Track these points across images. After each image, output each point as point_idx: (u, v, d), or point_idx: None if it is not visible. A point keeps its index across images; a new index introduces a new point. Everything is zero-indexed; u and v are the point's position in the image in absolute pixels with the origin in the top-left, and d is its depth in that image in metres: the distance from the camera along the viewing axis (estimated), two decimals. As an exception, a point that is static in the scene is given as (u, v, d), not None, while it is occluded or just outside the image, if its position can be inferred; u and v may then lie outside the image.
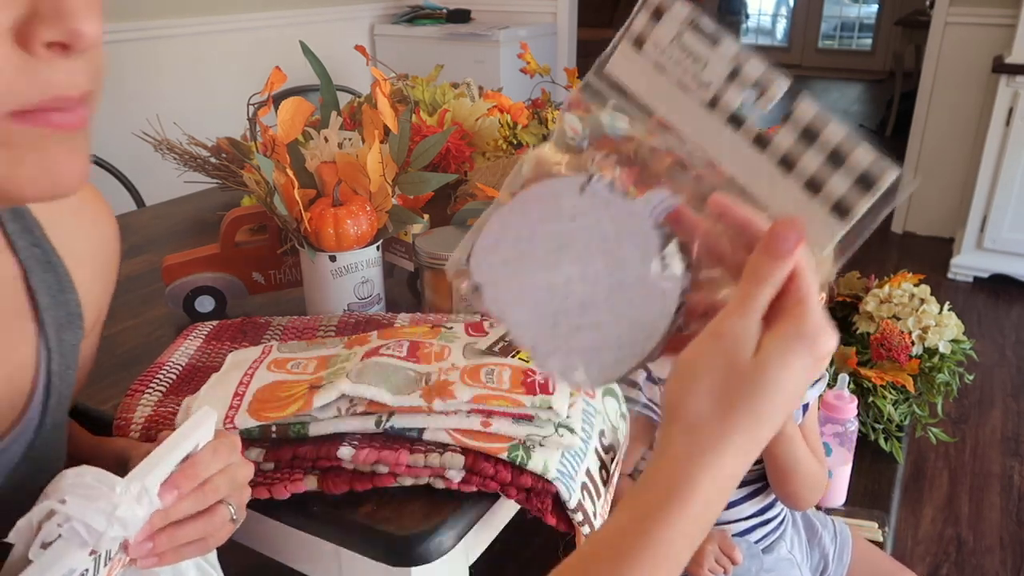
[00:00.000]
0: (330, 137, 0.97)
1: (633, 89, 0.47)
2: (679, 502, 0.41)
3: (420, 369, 0.71)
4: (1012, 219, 2.95)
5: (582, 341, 0.48)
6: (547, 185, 0.50)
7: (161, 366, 0.84)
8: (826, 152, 0.42)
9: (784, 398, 0.41)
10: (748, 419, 0.41)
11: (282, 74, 0.92)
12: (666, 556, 0.40)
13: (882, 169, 0.41)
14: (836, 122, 0.42)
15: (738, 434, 0.41)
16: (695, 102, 0.46)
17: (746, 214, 0.44)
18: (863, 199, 0.42)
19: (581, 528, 0.68)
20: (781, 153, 0.44)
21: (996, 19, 3.10)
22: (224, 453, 0.56)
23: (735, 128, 0.45)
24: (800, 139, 0.43)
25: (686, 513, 0.40)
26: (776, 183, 0.44)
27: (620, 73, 0.48)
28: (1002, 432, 2.19)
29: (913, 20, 5.32)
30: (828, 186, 0.43)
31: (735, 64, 0.44)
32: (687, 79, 0.45)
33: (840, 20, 8.11)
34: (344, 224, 0.91)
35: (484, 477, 0.65)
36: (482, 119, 1.53)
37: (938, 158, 3.41)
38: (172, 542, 0.53)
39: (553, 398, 0.67)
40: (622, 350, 0.47)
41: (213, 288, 1.03)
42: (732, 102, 0.45)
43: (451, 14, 3.60)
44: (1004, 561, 1.73)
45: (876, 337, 1.47)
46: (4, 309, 0.54)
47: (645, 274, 0.47)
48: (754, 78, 0.44)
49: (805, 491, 0.98)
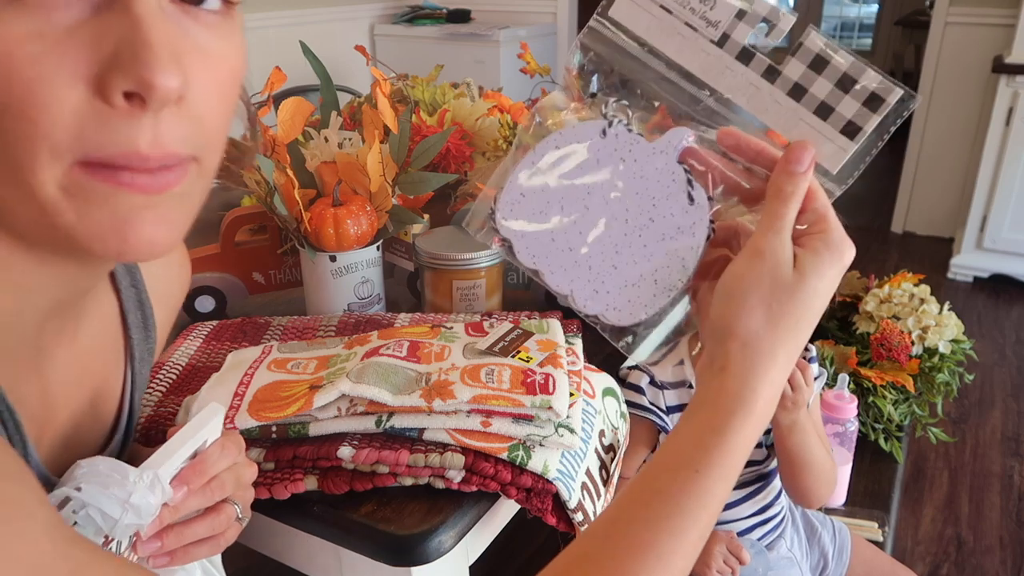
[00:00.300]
0: (330, 137, 0.97)
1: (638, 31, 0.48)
2: (744, 412, 0.44)
3: (420, 369, 0.71)
4: (1012, 219, 2.95)
5: (619, 280, 0.50)
6: (568, 132, 0.51)
7: (161, 366, 0.84)
8: (835, 78, 0.46)
9: (820, 304, 0.46)
10: (794, 329, 0.45)
11: (282, 74, 0.92)
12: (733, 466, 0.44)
13: (888, 89, 0.44)
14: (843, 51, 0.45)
15: (787, 343, 0.45)
16: (703, 41, 0.47)
17: (758, 143, 0.47)
18: (872, 118, 0.45)
19: (581, 528, 0.68)
20: (792, 82, 0.46)
21: (996, 19, 3.10)
22: (232, 451, 0.56)
23: (745, 62, 0.47)
24: (810, 68, 0.46)
25: (751, 422, 0.45)
26: (788, 111, 0.47)
27: (623, 16, 0.49)
28: (1002, 432, 2.19)
29: (913, 20, 5.33)
30: (839, 108, 0.46)
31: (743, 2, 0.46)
32: (695, 19, 0.47)
33: (840, 20, 8.12)
34: (344, 224, 0.91)
35: (484, 477, 0.65)
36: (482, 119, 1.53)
37: (938, 158, 3.41)
38: (180, 540, 0.53)
39: (553, 398, 0.67)
40: (659, 284, 0.50)
41: (213, 288, 1.03)
42: (741, 38, 0.47)
43: (451, 14, 3.60)
44: (1004, 561, 1.73)
45: (876, 337, 1.47)
46: (105, 344, 0.57)
47: (674, 207, 0.49)
48: (762, 14, 0.46)
49: (819, 485, 0.98)
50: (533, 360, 0.73)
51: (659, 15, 0.48)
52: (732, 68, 0.47)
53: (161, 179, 0.39)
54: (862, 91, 0.45)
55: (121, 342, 0.60)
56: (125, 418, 0.60)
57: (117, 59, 0.35)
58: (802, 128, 0.47)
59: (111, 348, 0.59)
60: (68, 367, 0.53)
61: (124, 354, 0.60)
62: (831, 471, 0.99)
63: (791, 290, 0.45)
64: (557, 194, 0.50)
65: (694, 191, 0.49)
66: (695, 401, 0.47)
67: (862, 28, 8.04)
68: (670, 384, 0.99)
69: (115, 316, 0.59)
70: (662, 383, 0.98)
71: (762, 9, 0.46)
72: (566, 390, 0.69)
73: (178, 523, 0.53)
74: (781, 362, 0.45)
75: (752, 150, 0.48)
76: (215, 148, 0.43)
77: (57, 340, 0.51)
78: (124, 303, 0.59)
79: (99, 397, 0.57)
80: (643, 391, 0.97)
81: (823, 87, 0.46)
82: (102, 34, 0.35)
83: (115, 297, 0.59)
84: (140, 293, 0.61)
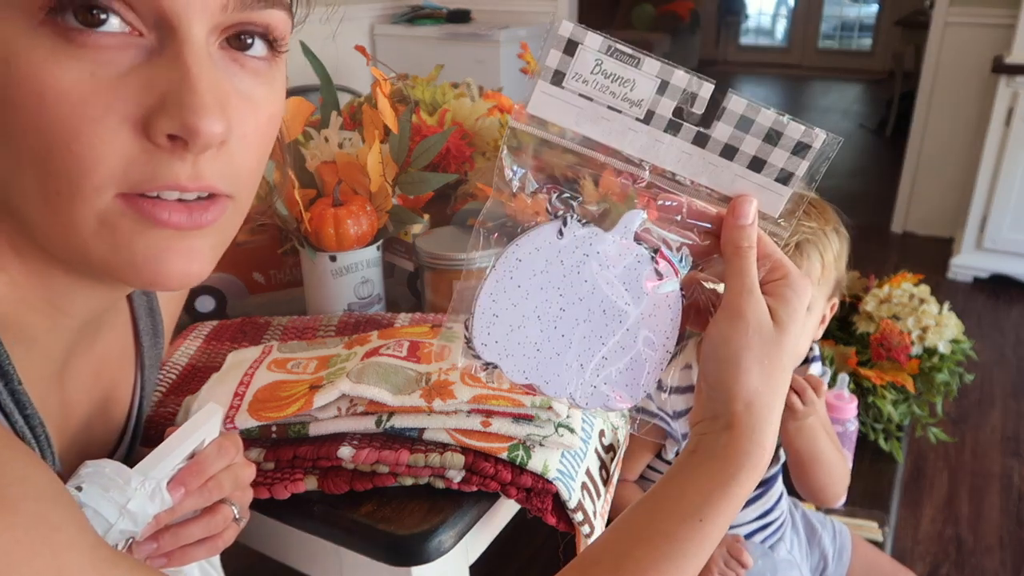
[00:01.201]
0: (330, 137, 0.97)
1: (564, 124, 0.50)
2: (751, 466, 0.48)
3: (420, 369, 0.71)
4: (1012, 219, 2.95)
5: (611, 370, 0.51)
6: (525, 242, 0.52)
7: (162, 366, 0.84)
8: (762, 134, 0.48)
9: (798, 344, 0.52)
10: (783, 374, 0.49)
11: (282, 74, 0.91)
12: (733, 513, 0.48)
13: (813, 136, 0.48)
14: (763, 108, 0.48)
15: (780, 390, 0.49)
16: (630, 120, 0.49)
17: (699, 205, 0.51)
18: (802, 163, 0.48)
19: (581, 528, 0.68)
20: (722, 144, 0.49)
21: (996, 19, 3.10)
22: (230, 450, 0.56)
23: (674, 133, 0.49)
24: (737, 128, 0.48)
25: (756, 474, 0.48)
26: (723, 170, 0.49)
27: (542, 112, 0.49)
28: (1002, 432, 2.19)
29: (913, 20, 5.33)
30: (770, 160, 0.49)
31: (661, 78, 0.48)
32: (616, 101, 0.49)
33: (840, 20, 8.12)
34: (344, 224, 0.91)
35: (484, 477, 0.65)
36: (482, 119, 1.53)
37: (938, 158, 3.41)
38: (177, 541, 0.53)
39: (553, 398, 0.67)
40: (651, 359, 0.52)
41: (213, 288, 1.03)
42: (666, 112, 0.49)
43: (451, 14, 3.60)
44: (1004, 561, 1.73)
45: (876, 337, 1.47)
46: (118, 351, 0.58)
47: (646, 287, 0.51)
48: (682, 87, 0.48)
49: (833, 482, 0.98)
50: (533, 360, 0.73)
51: (582, 104, 0.49)
52: (662, 140, 0.49)
53: (198, 217, 0.41)
54: (788, 141, 0.48)
55: (132, 349, 0.60)
56: (133, 423, 0.60)
57: (164, 104, 0.37)
58: (740, 184, 0.49)
59: (123, 355, 0.59)
60: (84, 375, 0.53)
61: (135, 361, 0.60)
62: (843, 467, 0.99)
63: (778, 344, 0.48)
64: (530, 305, 0.51)
65: (659, 266, 0.51)
66: (701, 452, 0.49)
67: (862, 28, 8.04)
68: (677, 389, 0.99)
69: (127, 324, 0.59)
70: (669, 387, 0.98)
71: (681, 81, 0.48)
72: (566, 390, 0.69)
73: (174, 524, 0.53)
74: (778, 409, 0.49)
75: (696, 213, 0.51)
76: (251, 188, 0.45)
77: (78, 351, 0.52)
78: (136, 311, 0.60)
79: (110, 403, 0.58)
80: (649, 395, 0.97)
81: (752, 144, 0.48)
82: (152, 79, 0.37)
83: (127, 305, 0.59)
84: (152, 301, 0.61)
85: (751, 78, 7.77)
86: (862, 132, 5.59)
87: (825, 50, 8.14)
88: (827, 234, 0.89)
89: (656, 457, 1.01)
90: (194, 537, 0.54)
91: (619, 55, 0.48)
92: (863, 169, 4.80)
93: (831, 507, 1.24)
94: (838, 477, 0.98)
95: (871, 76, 7.60)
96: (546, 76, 0.49)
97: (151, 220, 0.39)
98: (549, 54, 0.48)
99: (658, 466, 1.02)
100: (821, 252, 0.88)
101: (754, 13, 8.49)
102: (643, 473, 1.03)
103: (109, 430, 0.58)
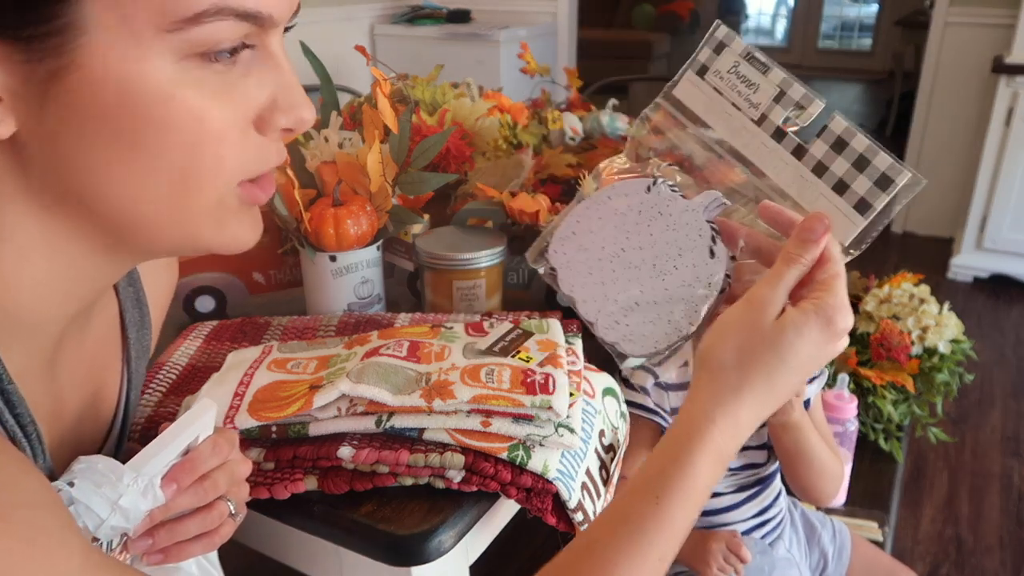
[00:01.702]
0: (330, 137, 0.97)
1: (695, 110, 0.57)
2: (701, 441, 0.48)
3: (420, 369, 0.71)
4: (1012, 219, 2.95)
5: (638, 317, 0.58)
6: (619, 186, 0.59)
7: (161, 366, 0.84)
8: (852, 159, 0.52)
9: (797, 363, 0.49)
10: (763, 375, 0.49)
11: (282, 74, 0.91)
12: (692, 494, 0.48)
13: (898, 171, 0.50)
14: (861, 134, 0.51)
15: (754, 387, 0.49)
16: (745, 119, 0.55)
17: (792, 216, 0.52)
18: (881, 196, 0.51)
19: (581, 528, 0.68)
20: (816, 160, 0.53)
21: (996, 19, 3.10)
22: (224, 448, 0.56)
23: (778, 140, 0.54)
24: (832, 148, 0.53)
25: (708, 453, 0.48)
26: (810, 185, 0.54)
27: (683, 96, 0.58)
28: (1002, 432, 2.19)
29: (913, 20, 5.33)
30: (853, 186, 0.52)
31: (781, 88, 0.54)
32: (740, 100, 0.55)
33: (840, 20, 8.11)
34: (344, 224, 0.91)
35: (484, 477, 0.65)
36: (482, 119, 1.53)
37: (938, 158, 3.41)
38: (172, 538, 0.53)
39: (553, 398, 0.67)
40: (671, 324, 0.57)
41: (213, 288, 1.03)
42: (777, 119, 0.54)
43: (451, 14, 3.60)
44: (1004, 561, 1.73)
45: (876, 337, 1.47)
46: (106, 343, 0.58)
47: (697, 259, 0.56)
48: (796, 99, 0.53)
49: (823, 481, 0.98)
50: (533, 360, 0.73)
51: (712, 96, 0.56)
52: (767, 145, 0.55)
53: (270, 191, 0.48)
54: (874, 171, 0.51)
55: (119, 341, 0.60)
56: (122, 415, 0.60)
57: (276, 103, 0.45)
58: (821, 203, 0.53)
59: (111, 347, 0.59)
60: (75, 368, 0.53)
61: (122, 352, 0.61)
62: (834, 467, 0.99)
63: (767, 337, 0.49)
64: (600, 237, 0.58)
65: (716, 247, 0.55)
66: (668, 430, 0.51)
67: (862, 28, 8.04)
68: (675, 386, 0.99)
69: (115, 315, 0.60)
70: (667, 384, 0.98)
71: (796, 94, 0.53)
72: (566, 390, 0.69)
73: (169, 520, 0.53)
74: (747, 404, 0.49)
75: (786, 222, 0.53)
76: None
77: (68, 344, 0.52)
78: (123, 302, 0.60)
79: (99, 395, 0.58)
80: (648, 392, 0.97)
81: (841, 166, 0.52)
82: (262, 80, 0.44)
83: (115, 296, 0.59)
84: (138, 291, 0.61)
85: (751, 78, 7.76)
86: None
87: (825, 50, 8.14)
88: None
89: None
90: (190, 533, 0.54)
91: (754, 61, 0.54)
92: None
93: (826, 506, 1.24)
94: (829, 476, 0.98)
95: (871, 76, 7.60)
96: (695, 68, 0.56)
97: (252, 199, 0.47)
98: (702, 51, 0.56)
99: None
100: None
101: (754, 13, 8.49)
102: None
103: (99, 424, 0.58)
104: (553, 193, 1.28)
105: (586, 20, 4.44)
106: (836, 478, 1.00)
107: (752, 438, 1.01)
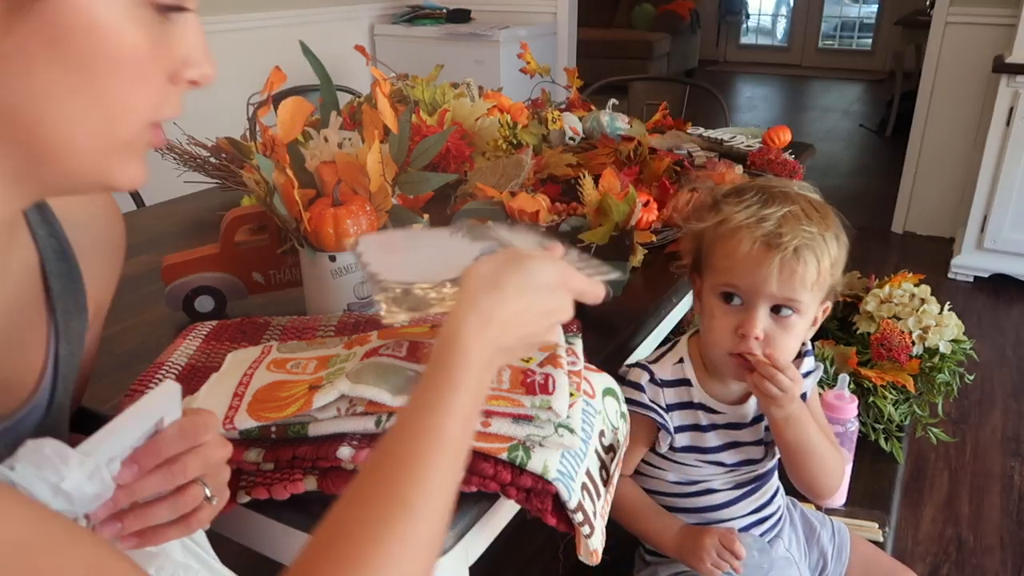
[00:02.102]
0: (330, 137, 0.97)
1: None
2: (452, 350, 0.56)
3: (420, 369, 0.71)
4: (1012, 219, 2.95)
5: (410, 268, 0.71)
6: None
7: (161, 366, 0.84)
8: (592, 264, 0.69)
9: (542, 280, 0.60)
10: (514, 295, 0.58)
11: (282, 74, 0.92)
12: (456, 407, 0.55)
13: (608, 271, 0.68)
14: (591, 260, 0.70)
15: (505, 304, 0.58)
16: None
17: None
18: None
19: (581, 528, 0.68)
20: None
21: (996, 19, 3.10)
22: (192, 432, 0.55)
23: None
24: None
25: (457, 356, 0.56)
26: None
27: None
28: (1002, 432, 2.19)
29: (913, 20, 5.32)
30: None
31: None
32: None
33: (840, 20, 8.11)
34: (344, 224, 0.91)
35: (484, 477, 0.65)
36: (482, 119, 1.53)
37: (938, 158, 3.41)
38: (143, 522, 0.53)
39: (553, 398, 0.67)
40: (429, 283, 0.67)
41: (213, 288, 1.03)
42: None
43: (451, 14, 3.60)
44: (1004, 561, 1.73)
45: (876, 337, 1.47)
46: (23, 295, 0.57)
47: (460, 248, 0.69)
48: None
49: (825, 476, 0.98)
50: (533, 360, 0.73)
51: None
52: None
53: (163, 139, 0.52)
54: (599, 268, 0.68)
55: (42, 293, 0.59)
56: (50, 372, 0.59)
57: (187, 60, 0.50)
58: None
59: (31, 298, 0.58)
60: None
61: (45, 303, 0.59)
62: (836, 461, 0.99)
63: (517, 255, 0.60)
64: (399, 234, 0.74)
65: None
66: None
67: (862, 28, 8.04)
68: (670, 382, 0.99)
69: (35, 267, 0.59)
70: (662, 381, 0.98)
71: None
72: (566, 390, 0.69)
73: (140, 505, 0.52)
74: (497, 322, 0.57)
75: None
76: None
77: None
78: (43, 253, 0.59)
79: (21, 347, 0.57)
80: (643, 388, 0.97)
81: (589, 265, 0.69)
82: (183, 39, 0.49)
83: (34, 249, 0.59)
84: (62, 243, 0.61)
85: (751, 78, 7.77)
86: (862, 132, 5.59)
87: (825, 50, 8.14)
88: (826, 240, 0.88)
89: (650, 451, 1.01)
90: (162, 518, 0.54)
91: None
92: (863, 169, 4.80)
93: (828, 504, 1.24)
94: (831, 468, 0.98)
95: (871, 76, 7.60)
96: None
97: (157, 141, 0.51)
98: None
99: (652, 459, 1.02)
100: (818, 258, 0.87)
101: (754, 13, 8.49)
102: (637, 467, 1.03)
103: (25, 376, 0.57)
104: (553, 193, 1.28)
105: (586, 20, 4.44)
106: (837, 471, 1.00)
107: (748, 434, 1.01)
